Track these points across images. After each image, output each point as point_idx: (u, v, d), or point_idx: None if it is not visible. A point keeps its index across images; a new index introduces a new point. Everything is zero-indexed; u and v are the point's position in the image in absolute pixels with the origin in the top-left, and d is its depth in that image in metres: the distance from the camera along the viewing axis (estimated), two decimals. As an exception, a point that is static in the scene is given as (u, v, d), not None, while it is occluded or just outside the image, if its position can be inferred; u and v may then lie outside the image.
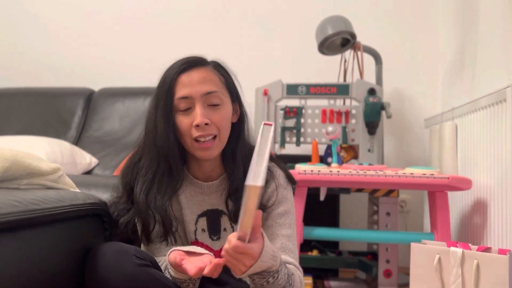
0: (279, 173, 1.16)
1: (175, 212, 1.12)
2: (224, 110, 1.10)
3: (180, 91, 1.07)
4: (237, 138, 1.15)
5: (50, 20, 2.71)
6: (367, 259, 2.00)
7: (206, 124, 1.06)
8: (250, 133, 1.19)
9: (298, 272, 1.07)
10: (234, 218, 1.13)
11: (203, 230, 1.14)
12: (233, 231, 1.13)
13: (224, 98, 1.10)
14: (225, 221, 1.15)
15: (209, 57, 1.17)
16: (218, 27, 2.56)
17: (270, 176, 1.13)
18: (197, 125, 1.05)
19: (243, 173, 1.09)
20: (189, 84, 1.07)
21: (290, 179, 1.18)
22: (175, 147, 1.09)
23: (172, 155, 1.09)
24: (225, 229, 1.15)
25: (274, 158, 1.20)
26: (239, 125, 1.16)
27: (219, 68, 1.14)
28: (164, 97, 1.08)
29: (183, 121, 1.08)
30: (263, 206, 1.10)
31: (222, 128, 1.09)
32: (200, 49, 1.30)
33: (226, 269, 1.07)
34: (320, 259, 1.97)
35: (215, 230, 1.15)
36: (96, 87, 2.49)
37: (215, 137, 1.08)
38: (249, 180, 0.79)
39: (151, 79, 1.17)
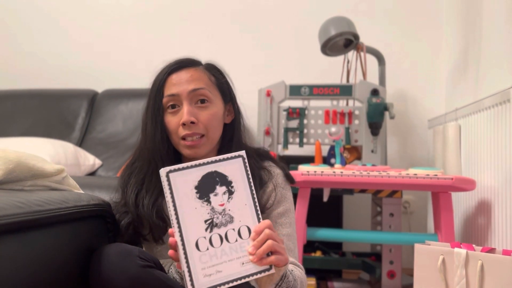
0: (278, 172, 1.15)
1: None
2: (212, 109, 1.09)
3: (168, 90, 1.08)
4: (231, 139, 1.14)
5: (53, 23, 2.72)
6: (370, 260, 2.00)
7: (192, 122, 1.06)
8: (246, 133, 1.19)
9: (299, 270, 1.07)
10: None
11: None
12: None
13: (213, 97, 1.10)
14: None
15: (210, 58, 1.17)
16: (221, 29, 2.57)
17: (268, 176, 1.13)
18: (184, 124, 1.06)
19: None
20: (178, 83, 1.08)
21: (289, 178, 1.17)
22: (162, 147, 1.09)
23: (159, 155, 1.09)
24: None
25: (273, 158, 1.19)
26: (233, 126, 1.15)
27: (210, 69, 1.14)
28: (154, 97, 1.09)
29: (171, 120, 1.08)
30: (262, 207, 1.09)
31: (210, 127, 1.08)
32: (203, 50, 1.31)
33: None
34: (323, 260, 1.97)
35: None
36: (100, 88, 2.50)
37: (202, 136, 1.08)
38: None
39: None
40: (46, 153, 1.88)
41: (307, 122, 2.00)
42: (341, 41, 2.08)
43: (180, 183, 0.82)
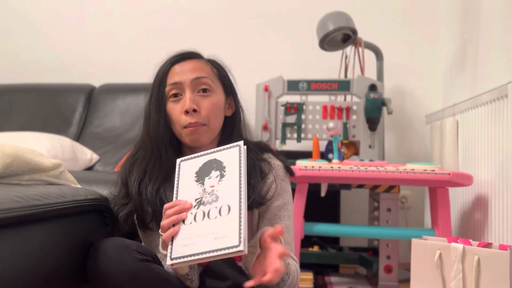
0: (278, 164, 1.16)
1: None
2: (214, 98, 1.11)
3: (171, 79, 1.11)
4: (232, 132, 1.16)
5: (51, 17, 2.70)
6: (367, 255, 2.00)
7: (195, 110, 1.07)
8: (246, 127, 1.20)
9: (293, 262, 1.08)
10: None
11: None
12: None
13: (215, 86, 1.12)
14: None
15: (208, 53, 1.19)
16: (219, 23, 2.56)
17: (268, 167, 1.14)
18: (186, 111, 1.07)
19: None
20: (181, 72, 1.11)
21: (289, 170, 1.18)
22: (165, 135, 1.11)
23: (162, 142, 1.10)
24: None
25: (273, 151, 1.20)
26: (233, 120, 1.17)
27: (212, 62, 1.17)
28: (157, 87, 1.12)
29: (174, 108, 1.10)
30: (262, 199, 1.10)
31: (211, 116, 1.10)
32: (201, 45, 1.31)
33: (226, 262, 1.07)
34: (320, 255, 1.98)
35: None
36: (97, 83, 2.49)
37: (204, 125, 1.09)
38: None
39: (152, 75, 1.17)
40: (43, 147, 1.87)
41: (305, 117, 2.00)
42: (339, 36, 2.08)
43: (186, 169, 0.99)
